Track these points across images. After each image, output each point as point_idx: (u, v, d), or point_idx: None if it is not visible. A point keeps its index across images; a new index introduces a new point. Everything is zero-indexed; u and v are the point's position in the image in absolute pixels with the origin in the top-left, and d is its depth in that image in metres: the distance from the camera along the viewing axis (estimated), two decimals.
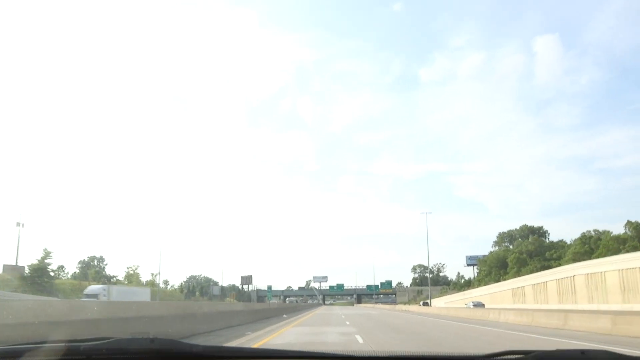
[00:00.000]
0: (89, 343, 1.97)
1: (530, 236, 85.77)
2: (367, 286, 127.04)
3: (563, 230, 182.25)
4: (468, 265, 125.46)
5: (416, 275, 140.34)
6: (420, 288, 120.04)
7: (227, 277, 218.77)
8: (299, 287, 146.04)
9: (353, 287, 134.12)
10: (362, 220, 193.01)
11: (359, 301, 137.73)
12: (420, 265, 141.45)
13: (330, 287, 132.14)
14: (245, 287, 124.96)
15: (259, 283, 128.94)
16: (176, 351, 2.01)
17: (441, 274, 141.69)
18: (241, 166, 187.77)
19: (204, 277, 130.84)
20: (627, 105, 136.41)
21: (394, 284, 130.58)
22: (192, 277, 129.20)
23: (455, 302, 67.99)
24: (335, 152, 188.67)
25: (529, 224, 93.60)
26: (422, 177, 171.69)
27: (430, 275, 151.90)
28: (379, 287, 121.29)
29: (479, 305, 44.71)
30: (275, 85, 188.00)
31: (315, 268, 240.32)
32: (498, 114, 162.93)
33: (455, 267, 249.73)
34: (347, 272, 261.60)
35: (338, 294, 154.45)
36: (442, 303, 74.69)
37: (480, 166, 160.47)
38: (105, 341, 2.01)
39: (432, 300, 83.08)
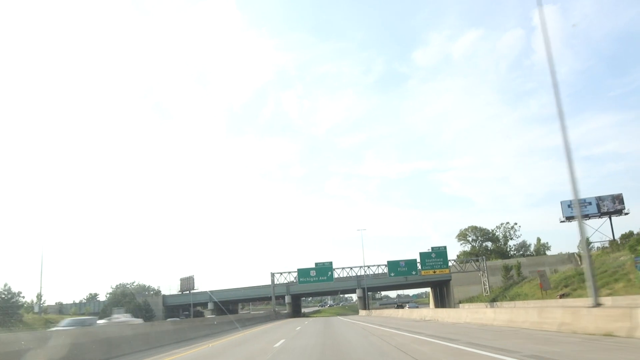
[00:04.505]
0: None
1: None
2: (389, 263, 63.75)
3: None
4: (567, 218, 66.25)
5: (467, 247, 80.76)
6: (512, 261, 59.50)
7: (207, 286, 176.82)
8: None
9: (354, 273, 65.16)
10: (352, 222, 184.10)
11: (364, 304, 71.55)
12: (473, 228, 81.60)
13: (298, 271, 62.50)
14: (186, 292, 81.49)
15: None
16: None
17: (512, 242, 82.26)
18: (224, 174, 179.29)
19: (137, 284, 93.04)
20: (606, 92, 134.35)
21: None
22: (120, 285, 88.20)
23: None
24: (320, 155, 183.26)
25: None
26: (409, 175, 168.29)
27: (491, 245, 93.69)
28: (419, 263, 58.97)
29: None
30: (257, 91, 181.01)
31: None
32: (480, 107, 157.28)
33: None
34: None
35: (321, 292, 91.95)
36: None
37: (465, 161, 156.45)
38: None
39: None
